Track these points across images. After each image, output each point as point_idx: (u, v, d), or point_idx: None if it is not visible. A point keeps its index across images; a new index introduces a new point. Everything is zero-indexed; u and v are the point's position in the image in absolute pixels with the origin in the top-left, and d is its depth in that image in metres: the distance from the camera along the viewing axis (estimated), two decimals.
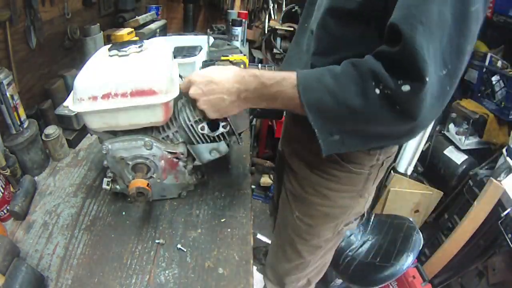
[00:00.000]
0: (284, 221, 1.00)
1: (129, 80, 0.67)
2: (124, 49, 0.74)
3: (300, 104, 0.58)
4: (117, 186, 0.84)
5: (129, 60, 0.74)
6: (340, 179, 0.81)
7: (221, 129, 0.74)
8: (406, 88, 0.50)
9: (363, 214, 0.97)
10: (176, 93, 0.70)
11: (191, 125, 0.75)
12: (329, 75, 0.58)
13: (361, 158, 0.78)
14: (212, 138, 0.78)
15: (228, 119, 0.73)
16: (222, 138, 0.78)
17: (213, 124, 0.74)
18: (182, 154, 0.79)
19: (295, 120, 0.88)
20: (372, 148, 0.76)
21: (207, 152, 0.79)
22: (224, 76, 0.63)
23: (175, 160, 0.80)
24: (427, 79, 0.49)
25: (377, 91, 0.53)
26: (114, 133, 0.76)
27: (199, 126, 0.74)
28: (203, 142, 0.79)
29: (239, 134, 0.79)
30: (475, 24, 0.52)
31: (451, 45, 0.51)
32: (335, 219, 0.90)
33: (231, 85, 0.63)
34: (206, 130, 0.74)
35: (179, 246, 0.78)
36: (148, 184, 0.75)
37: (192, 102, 0.69)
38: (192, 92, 0.65)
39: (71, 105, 0.69)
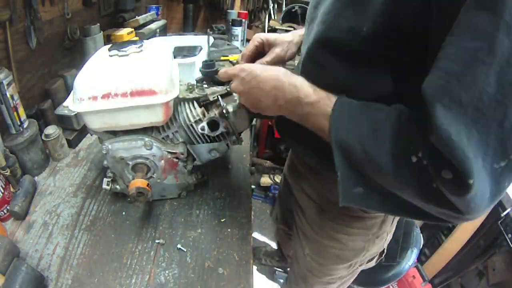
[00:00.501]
0: (296, 255, 0.97)
1: (129, 80, 0.67)
2: (124, 49, 0.74)
3: (328, 136, 0.50)
4: (117, 186, 0.84)
5: (129, 60, 0.74)
6: (351, 223, 0.75)
7: (221, 129, 0.74)
8: (447, 175, 0.39)
9: (383, 251, 0.89)
10: (176, 93, 0.71)
11: (191, 125, 0.75)
12: (369, 117, 0.47)
13: None
14: (212, 138, 0.78)
15: (228, 119, 0.73)
16: (222, 138, 0.78)
17: (213, 124, 0.74)
18: (182, 154, 0.79)
19: (303, 157, 0.78)
20: None
21: (207, 152, 0.79)
22: (267, 78, 0.58)
23: (175, 160, 0.80)
24: (471, 182, 0.36)
25: (414, 158, 0.42)
26: (114, 133, 0.76)
27: (199, 126, 0.74)
28: (203, 142, 0.79)
29: (239, 134, 0.79)
30: None
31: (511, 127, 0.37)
32: (348, 261, 0.84)
33: (269, 90, 0.57)
34: (206, 130, 0.74)
35: (179, 246, 0.78)
36: (148, 184, 0.75)
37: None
38: (233, 86, 0.65)
39: (71, 105, 0.69)
